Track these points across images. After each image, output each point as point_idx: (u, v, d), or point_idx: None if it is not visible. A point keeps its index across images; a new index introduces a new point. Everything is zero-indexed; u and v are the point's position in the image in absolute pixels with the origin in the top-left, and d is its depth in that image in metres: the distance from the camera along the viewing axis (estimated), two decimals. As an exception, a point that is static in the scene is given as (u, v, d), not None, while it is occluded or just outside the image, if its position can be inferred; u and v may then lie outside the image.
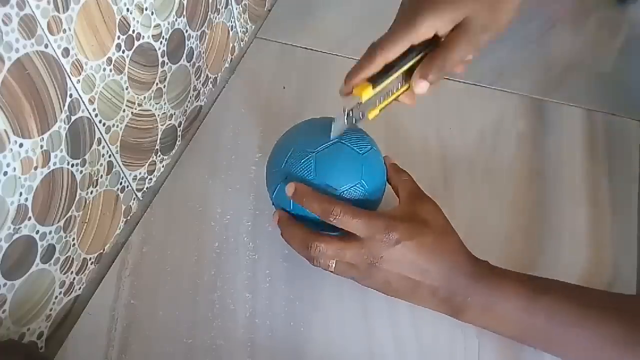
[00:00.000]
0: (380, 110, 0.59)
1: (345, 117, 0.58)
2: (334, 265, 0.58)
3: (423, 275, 0.56)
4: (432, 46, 0.57)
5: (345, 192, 0.59)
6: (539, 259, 0.67)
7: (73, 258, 0.65)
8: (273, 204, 0.64)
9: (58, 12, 0.52)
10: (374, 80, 0.57)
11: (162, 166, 0.77)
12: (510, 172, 0.74)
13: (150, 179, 0.75)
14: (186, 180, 0.77)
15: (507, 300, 0.55)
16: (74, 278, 0.66)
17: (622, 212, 0.70)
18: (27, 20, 0.49)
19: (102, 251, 0.70)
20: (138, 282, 0.69)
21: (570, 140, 0.77)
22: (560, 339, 0.55)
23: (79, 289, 0.67)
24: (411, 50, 0.57)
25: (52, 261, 0.61)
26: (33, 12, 0.50)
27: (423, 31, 0.56)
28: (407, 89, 0.59)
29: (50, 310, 0.64)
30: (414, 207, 0.59)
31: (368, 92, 0.57)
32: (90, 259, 0.68)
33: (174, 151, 0.79)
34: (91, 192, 0.64)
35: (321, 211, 0.57)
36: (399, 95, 0.60)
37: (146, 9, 0.64)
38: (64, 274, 0.64)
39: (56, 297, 0.64)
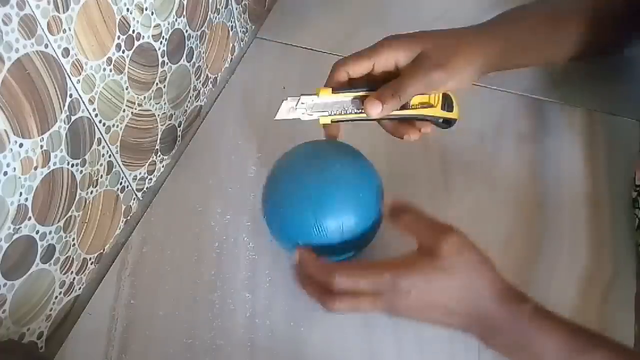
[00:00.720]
0: (331, 121, 0.61)
1: (298, 102, 0.60)
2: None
3: (450, 313, 0.53)
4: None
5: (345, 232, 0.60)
6: (539, 259, 0.67)
7: (73, 258, 0.64)
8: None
9: (58, 12, 0.52)
10: (336, 89, 0.61)
11: (162, 166, 0.77)
12: (510, 172, 0.74)
13: (150, 179, 0.75)
14: (186, 180, 0.77)
15: (546, 347, 0.51)
16: (74, 278, 0.66)
17: (622, 212, 0.70)
18: (27, 20, 0.49)
19: (102, 251, 0.70)
20: (138, 282, 0.69)
21: (570, 140, 0.77)
22: None
23: (79, 289, 0.67)
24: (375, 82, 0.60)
25: (52, 261, 0.61)
26: (33, 12, 0.50)
27: (384, 56, 0.60)
28: (360, 117, 0.61)
29: (50, 310, 0.64)
30: (423, 250, 0.55)
31: (326, 92, 0.60)
32: (90, 259, 0.68)
33: (174, 151, 0.79)
34: (91, 192, 0.64)
35: (323, 279, 0.54)
36: (353, 119, 0.61)
37: (146, 9, 0.64)
38: (64, 274, 0.64)
39: (56, 297, 0.64)
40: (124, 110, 0.66)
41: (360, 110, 0.61)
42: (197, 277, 0.68)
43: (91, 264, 0.68)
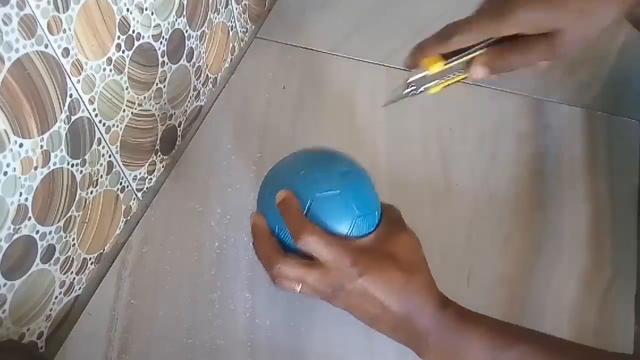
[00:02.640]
0: (441, 89, 0.57)
1: (406, 88, 0.57)
2: (299, 288, 0.56)
3: (383, 310, 0.54)
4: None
5: (350, 232, 0.57)
6: (539, 259, 0.67)
7: (73, 258, 0.64)
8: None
9: (58, 12, 0.52)
10: (446, 57, 0.55)
11: (162, 166, 0.77)
12: (510, 172, 0.74)
13: (150, 179, 0.75)
14: (186, 180, 0.77)
15: (471, 350, 0.52)
16: (74, 278, 0.66)
17: (622, 212, 0.70)
18: (27, 20, 0.49)
19: (102, 251, 0.69)
20: (138, 282, 0.69)
21: (570, 140, 0.77)
22: None
23: (79, 289, 0.67)
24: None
25: (52, 261, 0.61)
26: (33, 12, 0.50)
27: (509, 28, 0.51)
28: (464, 77, 0.57)
29: (50, 310, 0.63)
30: (387, 239, 0.56)
31: (438, 66, 0.55)
32: (90, 259, 0.68)
33: (174, 151, 0.79)
34: (91, 192, 0.64)
35: (294, 229, 0.54)
36: (456, 81, 0.57)
37: (146, 9, 0.64)
38: (64, 274, 0.64)
39: (56, 297, 0.64)
40: (124, 110, 0.66)
41: (463, 71, 0.56)
42: (197, 277, 0.68)
43: (91, 264, 0.68)
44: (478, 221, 0.70)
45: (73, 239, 0.64)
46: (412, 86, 0.57)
